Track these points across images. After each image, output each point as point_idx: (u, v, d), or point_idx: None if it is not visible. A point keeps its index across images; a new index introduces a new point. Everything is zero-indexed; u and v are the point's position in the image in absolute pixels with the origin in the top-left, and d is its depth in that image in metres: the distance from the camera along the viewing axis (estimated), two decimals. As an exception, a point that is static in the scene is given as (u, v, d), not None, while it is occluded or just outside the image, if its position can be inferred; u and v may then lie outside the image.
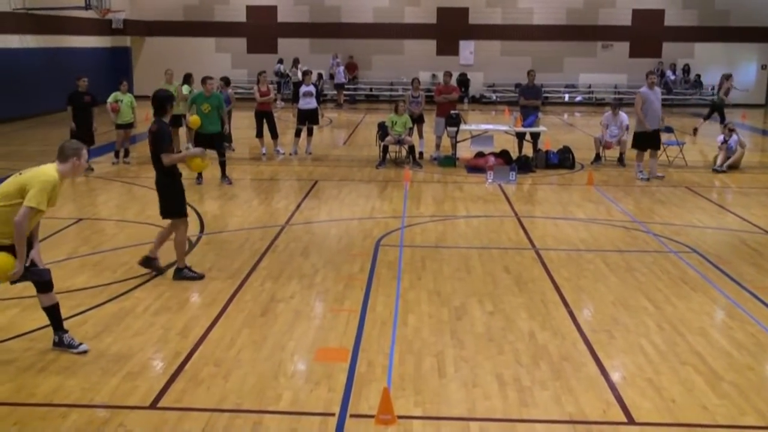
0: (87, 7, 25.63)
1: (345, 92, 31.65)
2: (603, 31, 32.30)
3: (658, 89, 14.95)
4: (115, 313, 7.34)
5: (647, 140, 14.69)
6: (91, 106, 14.86)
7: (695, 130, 21.83)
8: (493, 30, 32.31)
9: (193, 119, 13.54)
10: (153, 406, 5.47)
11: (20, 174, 6.02)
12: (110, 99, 15.81)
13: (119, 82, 16.26)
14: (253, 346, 6.56)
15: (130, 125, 16.03)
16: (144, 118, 20.75)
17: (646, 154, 14.91)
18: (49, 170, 5.99)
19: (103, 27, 29.79)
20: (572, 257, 9.48)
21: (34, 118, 23.70)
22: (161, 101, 8.11)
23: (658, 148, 15.06)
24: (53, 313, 6.37)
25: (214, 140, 13.68)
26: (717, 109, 21.87)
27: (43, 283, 6.23)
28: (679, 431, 5.26)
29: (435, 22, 32.42)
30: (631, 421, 5.35)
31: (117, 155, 16.04)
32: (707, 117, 22.22)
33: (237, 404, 5.51)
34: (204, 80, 14.05)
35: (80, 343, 6.38)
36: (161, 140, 8.03)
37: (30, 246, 6.14)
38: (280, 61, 31.50)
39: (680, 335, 6.93)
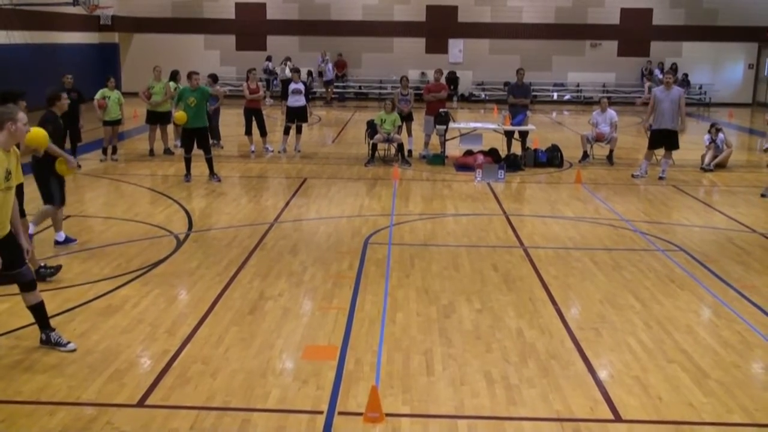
0: (75, 3, 25.48)
1: (335, 90, 31.62)
2: (591, 30, 32.38)
3: (676, 89, 14.48)
4: (102, 310, 7.31)
5: (652, 139, 14.76)
6: (77, 103, 14.78)
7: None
8: (482, 28, 32.33)
9: (179, 115, 13.48)
10: (141, 403, 5.46)
11: None
12: (98, 95, 15.73)
13: (106, 79, 16.18)
14: (241, 344, 6.55)
15: (117, 122, 15.96)
16: (132, 115, 20.70)
17: (651, 153, 15.00)
18: None
19: (90, 23, 29.64)
20: (560, 255, 9.52)
21: (21, 115, 23.56)
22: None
23: (669, 148, 14.77)
24: (39, 311, 6.33)
25: (200, 136, 13.60)
26: None
27: (27, 283, 6.19)
28: (666, 429, 5.29)
29: (424, 20, 32.41)
30: (618, 419, 5.38)
31: (105, 152, 15.96)
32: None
33: (225, 402, 5.51)
34: (189, 75, 14.00)
35: (68, 341, 6.35)
36: None
37: (17, 232, 6.11)
38: (269, 59, 31.43)
39: (667, 333, 6.97)
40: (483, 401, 5.59)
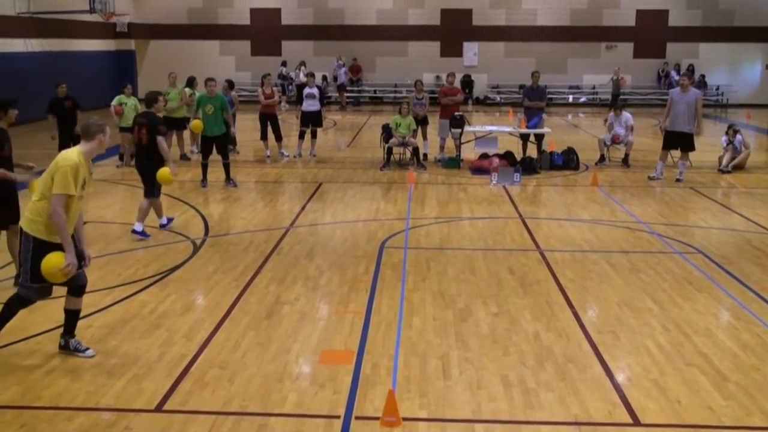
0: (91, 10, 25.70)
1: (349, 94, 31.70)
2: (607, 32, 32.27)
3: (693, 91, 14.41)
4: (120, 315, 7.35)
5: (666, 140, 14.74)
6: (73, 111, 14.63)
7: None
8: (497, 31, 32.30)
9: (195, 124, 13.55)
10: (158, 409, 5.48)
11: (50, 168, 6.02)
12: (114, 102, 15.83)
13: (123, 86, 16.27)
14: (258, 348, 6.57)
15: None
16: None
17: (666, 153, 14.98)
18: (69, 154, 5.95)
19: (107, 30, 29.88)
20: (577, 258, 9.48)
21: (39, 122, 23.72)
22: None
23: (684, 150, 14.71)
24: (73, 317, 6.37)
25: (219, 143, 13.68)
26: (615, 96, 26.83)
27: (79, 287, 6.26)
28: (685, 432, 5.26)
29: (438, 24, 32.43)
30: (636, 423, 5.34)
31: (121, 158, 16.07)
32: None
33: (242, 407, 5.52)
34: (206, 82, 14.06)
35: (86, 348, 6.40)
36: None
37: (79, 240, 6.20)
38: (284, 64, 31.53)
39: (685, 336, 6.92)
40: (500, 405, 5.57)
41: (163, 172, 9.81)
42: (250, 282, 8.40)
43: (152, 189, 10.28)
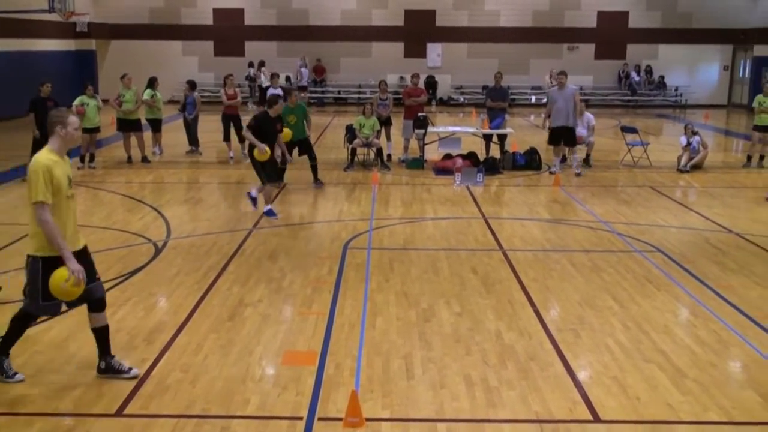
0: (50, 9, 25.28)
1: (313, 95, 31.59)
2: (568, 33, 32.58)
3: (570, 87, 15.43)
4: (80, 319, 7.22)
5: (552, 136, 15.66)
6: None
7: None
8: (460, 32, 32.44)
9: (286, 133, 13.44)
10: (119, 413, 5.42)
11: None
12: (76, 102, 15.61)
13: (84, 87, 16.05)
14: (220, 351, 6.53)
15: (96, 129, 15.84)
16: (110, 122, 20.56)
17: (559, 149, 15.76)
18: (37, 157, 5.57)
19: (67, 30, 29.43)
20: (539, 258, 9.56)
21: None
22: None
23: (566, 144, 15.58)
24: (103, 335, 5.97)
25: (302, 146, 14.02)
26: None
27: (98, 300, 5.92)
28: (644, 428, 5.33)
29: (402, 25, 32.48)
30: (596, 419, 5.41)
31: (82, 160, 15.84)
32: None
33: (204, 410, 5.48)
34: (290, 93, 14.49)
35: (130, 367, 5.99)
36: None
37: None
38: (251, 65, 31.33)
39: (645, 333, 7.02)
40: (463, 404, 5.61)
41: (255, 153, 11.22)
42: (213, 284, 8.34)
43: (262, 178, 11.51)
